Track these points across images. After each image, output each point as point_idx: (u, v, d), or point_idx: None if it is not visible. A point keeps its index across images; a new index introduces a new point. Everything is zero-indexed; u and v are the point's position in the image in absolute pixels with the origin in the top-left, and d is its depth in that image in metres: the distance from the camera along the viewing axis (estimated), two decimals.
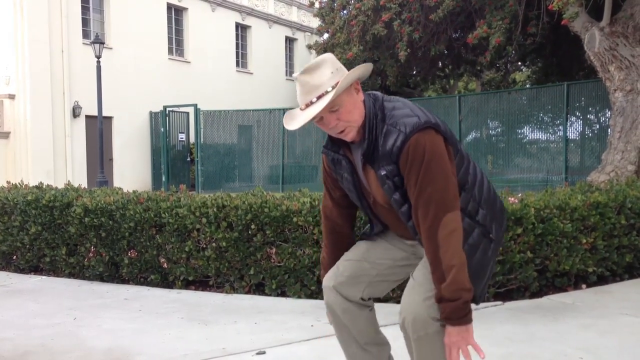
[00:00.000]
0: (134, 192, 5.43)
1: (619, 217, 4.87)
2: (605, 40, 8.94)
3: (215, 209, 4.76)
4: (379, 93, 2.13)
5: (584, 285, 4.74)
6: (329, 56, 2.08)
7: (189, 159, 19.39)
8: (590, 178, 9.13)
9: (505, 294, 4.43)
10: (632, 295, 4.49)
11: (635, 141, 8.95)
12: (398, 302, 2.25)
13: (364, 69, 2.04)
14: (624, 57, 8.91)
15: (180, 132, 19.31)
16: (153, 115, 19.07)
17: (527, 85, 19.25)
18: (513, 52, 13.04)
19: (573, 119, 13.40)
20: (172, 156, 18.85)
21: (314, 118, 1.98)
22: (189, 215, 4.83)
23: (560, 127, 13.50)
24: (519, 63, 17.36)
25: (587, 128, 13.90)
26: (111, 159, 18.16)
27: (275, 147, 18.27)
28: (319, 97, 1.97)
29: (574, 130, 13.69)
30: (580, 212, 4.66)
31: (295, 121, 2.04)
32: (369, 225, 2.37)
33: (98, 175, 15.51)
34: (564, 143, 13.21)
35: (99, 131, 15.76)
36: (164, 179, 18.26)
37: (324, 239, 2.41)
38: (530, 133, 14.59)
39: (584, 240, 4.65)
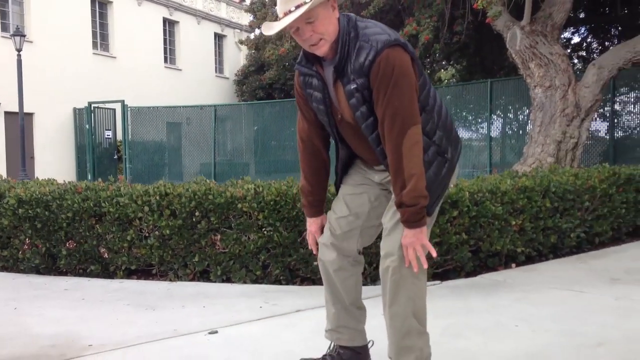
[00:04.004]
0: (70, 182, 5.31)
1: (544, 200, 5.20)
2: (526, 38, 9.40)
3: (157, 197, 4.73)
4: (352, 14, 2.27)
5: (513, 265, 5.03)
6: None
7: (116, 157, 18.91)
8: (514, 169, 9.59)
9: (443, 274, 4.64)
10: (558, 272, 4.80)
11: (554, 135, 9.45)
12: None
13: None
14: (543, 55, 9.39)
15: (106, 129, 18.80)
16: (77, 112, 18.48)
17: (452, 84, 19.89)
18: (439, 50, 13.47)
19: (498, 112, 14.00)
20: (98, 154, 18.34)
21: (291, 26, 2.12)
22: (130, 204, 4.78)
23: (484, 123, 14.07)
24: (444, 62, 17.94)
25: (510, 123, 14.55)
26: (32, 157, 17.47)
27: (207, 144, 18.10)
28: (297, 7, 2.09)
29: (498, 125, 14.30)
30: (509, 195, 4.94)
31: (273, 29, 2.19)
32: (336, 162, 2.52)
33: (19, 174, 14.89)
34: (488, 138, 13.78)
35: (20, 128, 15.14)
36: (89, 177, 17.72)
37: (301, 166, 2.55)
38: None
39: (513, 222, 4.94)
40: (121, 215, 4.82)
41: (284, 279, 4.57)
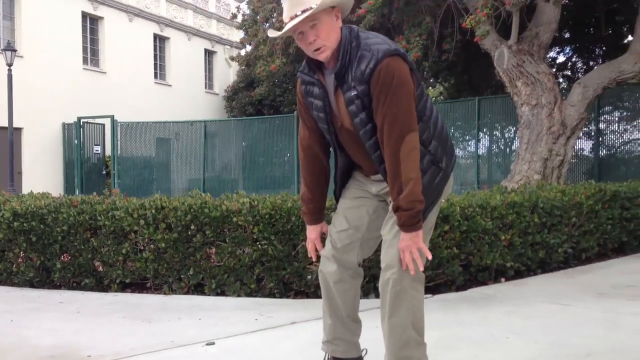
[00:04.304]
0: (66, 196, 5.35)
1: (533, 215, 5.31)
2: (513, 57, 9.60)
3: (153, 211, 4.79)
4: (355, 26, 2.38)
5: (503, 279, 5.12)
6: None
7: (104, 172, 18.88)
8: (502, 185, 9.72)
9: (434, 288, 4.72)
10: (546, 286, 4.90)
11: (540, 152, 9.62)
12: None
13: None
14: (530, 74, 9.59)
15: (95, 144, 18.78)
16: (66, 127, 18.46)
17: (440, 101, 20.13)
18: (428, 68, 13.66)
19: (485, 130, 14.19)
20: (86, 169, 18.30)
21: (295, 28, 2.23)
22: (126, 217, 4.83)
23: (472, 141, 14.25)
24: (432, 80, 18.16)
25: (496, 141, 14.74)
26: (20, 172, 17.40)
27: (196, 160, 18.13)
28: (303, 11, 2.21)
29: (485, 143, 14.47)
30: (499, 210, 5.05)
31: (278, 32, 2.31)
32: (335, 171, 2.60)
33: (8, 189, 14.82)
34: (476, 155, 13.95)
35: (9, 142, 15.10)
36: (77, 192, 17.67)
37: (302, 173, 2.63)
38: None
39: (503, 237, 5.04)
40: (117, 228, 4.86)
41: (278, 292, 4.63)
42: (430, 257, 2.32)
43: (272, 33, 2.37)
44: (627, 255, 6.33)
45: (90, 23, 19.82)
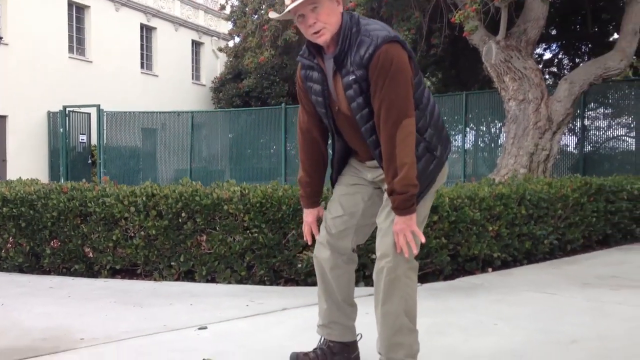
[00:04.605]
0: (55, 182, 5.33)
1: (520, 207, 5.39)
2: (501, 52, 9.68)
3: (144, 198, 4.79)
4: (355, 13, 2.43)
5: (490, 269, 5.20)
6: None
7: (90, 161, 18.75)
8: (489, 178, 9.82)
9: (422, 277, 4.78)
10: (532, 276, 4.98)
11: (527, 147, 9.72)
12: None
13: None
14: (517, 69, 9.68)
15: (81, 133, 18.64)
16: (52, 115, 18.30)
17: None
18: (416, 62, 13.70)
19: (471, 125, 14.30)
20: (71, 158, 18.16)
21: (296, 10, 2.27)
22: (116, 204, 4.83)
23: (459, 136, 14.34)
24: None
25: (482, 136, 14.85)
26: (4, 160, 17.25)
27: (183, 150, 18.06)
28: None
29: (471, 137, 14.58)
30: (487, 202, 5.12)
31: (279, 13, 2.35)
32: (332, 155, 2.64)
33: None
34: (463, 150, 14.05)
35: None
36: (62, 180, 17.53)
37: (300, 157, 2.66)
38: None
39: (490, 228, 5.11)
40: (107, 215, 4.86)
41: (268, 279, 4.66)
42: (424, 240, 2.36)
43: (272, 14, 2.39)
44: (611, 248, 6.45)
45: (77, 12, 19.63)
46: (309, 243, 2.72)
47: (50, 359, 2.89)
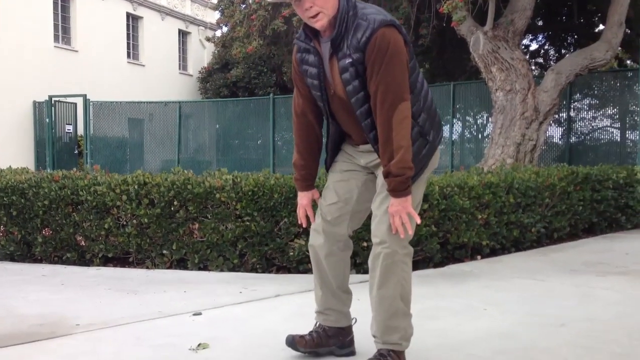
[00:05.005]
0: (45, 171, 5.33)
1: (508, 196, 5.46)
2: (489, 43, 9.75)
3: (136, 186, 4.80)
4: None
5: (478, 257, 5.28)
6: None
7: (76, 152, 18.63)
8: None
9: (413, 265, 4.77)
10: (520, 264, 5.06)
11: (514, 137, 9.82)
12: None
13: None
14: (505, 60, 9.75)
15: (67, 124, 18.49)
16: (37, 105, 18.14)
17: None
18: None
19: (458, 116, 14.38)
20: (58, 148, 18.02)
21: None
22: (108, 193, 4.84)
23: (446, 126, 14.40)
24: None
25: (469, 127, 14.95)
26: None
27: (170, 141, 17.98)
28: None
29: (458, 128, 14.66)
30: (476, 190, 5.19)
31: None
32: (326, 139, 2.66)
33: None
34: (450, 141, 14.13)
35: None
36: (48, 170, 17.40)
37: (295, 140, 2.68)
38: None
39: (479, 216, 5.18)
40: (99, 203, 4.87)
41: (260, 267, 4.70)
42: (419, 221, 2.40)
43: None
44: (597, 236, 6.56)
45: (62, 0, 19.41)
46: (304, 226, 2.74)
47: (48, 344, 2.91)
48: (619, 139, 12.82)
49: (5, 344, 2.87)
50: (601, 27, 12.81)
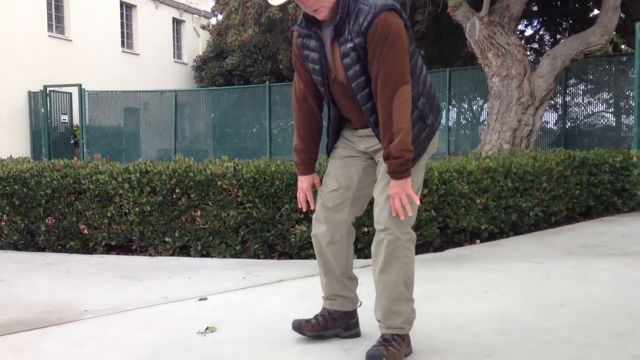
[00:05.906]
0: (47, 160, 5.35)
1: (506, 180, 5.52)
2: (485, 29, 9.77)
3: (138, 174, 4.84)
4: None
5: (477, 241, 5.34)
6: None
7: (72, 141, 18.59)
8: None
9: None
10: (519, 247, 5.13)
11: (510, 122, 9.87)
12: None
13: None
14: (501, 45, 9.78)
15: (62, 113, 18.43)
16: (32, 95, 18.08)
17: None
18: None
19: (453, 102, 14.42)
20: (54, 138, 17.98)
21: None
22: (110, 181, 4.87)
23: (443, 112, 14.42)
24: None
25: (465, 113, 14.99)
26: None
27: (166, 129, 17.97)
28: None
29: (453, 114, 14.70)
30: (475, 175, 5.24)
31: None
32: (327, 124, 2.69)
33: None
34: (447, 127, 14.17)
35: None
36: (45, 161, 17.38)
37: (295, 125, 2.71)
38: None
39: (478, 201, 5.24)
40: (101, 192, 4.90)
41: (262, 253, 4.75)
42: (419, 202, 2.44)
43: (272, 0, 2.43)
44: (594, 219, 6.63)
45: None
46: (304, 210, 2.78)
47: (57, 329, 2.96)
48: (614, 124, 12.90)
49: (15, 330, 2.92)
50: (596, 11, 12.83)
